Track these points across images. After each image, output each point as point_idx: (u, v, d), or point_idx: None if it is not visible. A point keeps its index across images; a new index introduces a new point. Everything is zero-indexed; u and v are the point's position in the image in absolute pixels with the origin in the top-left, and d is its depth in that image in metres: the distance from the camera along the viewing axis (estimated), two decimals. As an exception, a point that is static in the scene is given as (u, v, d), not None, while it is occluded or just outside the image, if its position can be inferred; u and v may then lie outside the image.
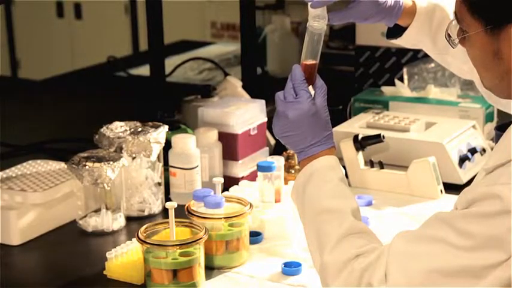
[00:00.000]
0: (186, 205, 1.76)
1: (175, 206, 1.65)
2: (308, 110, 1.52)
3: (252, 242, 1.79)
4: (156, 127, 1.98)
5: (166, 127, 1.99)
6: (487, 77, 1.47)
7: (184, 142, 1.99)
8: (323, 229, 1.43)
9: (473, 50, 1.44)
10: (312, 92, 1.54)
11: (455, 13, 1.45)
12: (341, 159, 2.03)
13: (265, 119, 2.17)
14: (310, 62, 1.55)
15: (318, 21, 1.55)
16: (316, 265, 1.44)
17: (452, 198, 1.94)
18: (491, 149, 2.14)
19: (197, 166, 2.00)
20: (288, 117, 1.53)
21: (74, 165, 1.88)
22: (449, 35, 1.48)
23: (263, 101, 2.18)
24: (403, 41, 1.78)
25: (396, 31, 1.75)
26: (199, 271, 1.64)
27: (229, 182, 2.02)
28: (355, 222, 1.43)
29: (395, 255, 1.34)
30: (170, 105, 2.39)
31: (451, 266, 1.29)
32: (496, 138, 1.50)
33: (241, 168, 2.10)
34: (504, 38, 1.37)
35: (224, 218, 1.73)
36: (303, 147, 1.53)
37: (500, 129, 1.48)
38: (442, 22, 1.77)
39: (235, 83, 2.42)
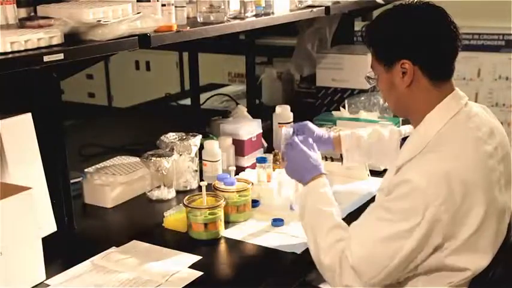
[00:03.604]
0: (213, 183, 1.75)
1: (206, 184, 1.65)
2: (302, 157, 1.53)
3: (253, 206, 1.78)
4: (195, 136, 1.96)
5: (200, 136, 1.98)
6: (390, 103, 1.45)
7: (212, 145, 1.98)
8: (317, 224, 1.39)
9: (381, 85, 1.43)
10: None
11: (371, 65, 1.45)
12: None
13: (261, 131, 2.15)
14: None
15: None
16: (312, 248, 1.39)
17: (375, 179, 1.94)
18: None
19: (219, 160, 1.99)
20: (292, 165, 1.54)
21: (144, 159, 1.88)
22: (369, 78, 1.47)
23: (259, 120, 2.17)
24: (348, 163, 1.81)
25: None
26: (221, 224, 1.63)
27: (239, 169, 1.99)
28: (337, 220, 1.39)
29: (353, 235, 1.31)
30: (203, 123, 2.39)
31: (386, 234, 1.26)
32: (400, 145, 1.49)
33: (246, 161, 2.08)
34: (395, 72, 1.36)
35: (236, 191, 1.72)
36: (301, 179, 1.52)
37: (403, 139, 1.47)
38: (370, 147, 1.78)
39: (242, 109, 2.41)
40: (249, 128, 2.11)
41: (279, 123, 2.25)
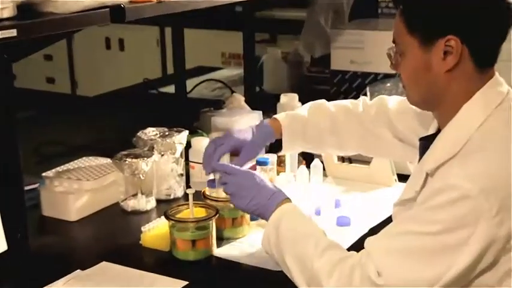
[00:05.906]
0: (202, 191, 1.75)
1: (194, 191, 1.65)
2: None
3: (252, 219, 1.77)
4: (179, 132, 1.96)
5: (187, 132, 1.98)
6: (416, 91, 1.40)
7: (201, 143, 1.97)
8: (305, 249, 1.34)
9: (407, 65, 1.38)
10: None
11: (394, 36, 1.41)
12: (321, 156, 2.02)
13: (262, 126, 2.15)
14: None
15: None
16: (302, 282, 1.34)
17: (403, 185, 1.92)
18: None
19: (210, 161, 1.99)
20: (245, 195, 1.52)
21: (117, 161, 1.88)
22: (390, 55, 1.43)
23: (260, 112, 2.17)
24: (286, 151, 1.76)
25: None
26: (212, 241, 1.64)
27: (235, 173, 2.00)
28: (331, 240, 1.36)
29: (378, 255, 1.27)
30: (190, 115, 2.39)
31: (426, 249, 1.23)
32: (420, 147, 1.46)
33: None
34: (435, 52, 1.33)
35: (231, 200, 1.72)
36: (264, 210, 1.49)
37: (423, 139, 1.45)
38: (305, 128, 1.72)
39: (239, 98, 2.41)
40: (248, 122, 2.11)
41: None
